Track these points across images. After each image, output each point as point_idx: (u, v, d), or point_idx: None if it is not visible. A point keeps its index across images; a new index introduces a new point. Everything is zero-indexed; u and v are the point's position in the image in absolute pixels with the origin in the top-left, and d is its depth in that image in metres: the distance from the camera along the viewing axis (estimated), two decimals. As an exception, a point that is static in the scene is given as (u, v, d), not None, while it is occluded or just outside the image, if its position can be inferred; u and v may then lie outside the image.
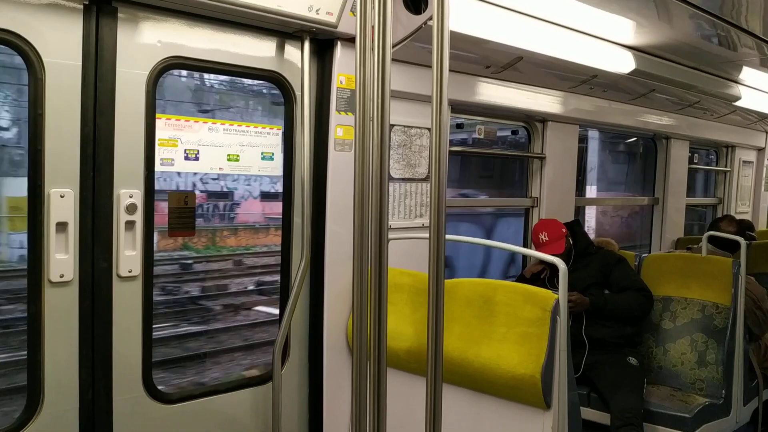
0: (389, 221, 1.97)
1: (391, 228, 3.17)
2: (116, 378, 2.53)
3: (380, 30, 1.84)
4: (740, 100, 5.32)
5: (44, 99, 2.29)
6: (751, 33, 3.72)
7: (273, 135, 2.99)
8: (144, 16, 2.53)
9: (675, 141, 5.89)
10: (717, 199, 7.16)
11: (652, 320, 4.07)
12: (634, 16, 3.53)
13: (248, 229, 11.05)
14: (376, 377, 1.91)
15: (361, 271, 1.90)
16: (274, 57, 2.92)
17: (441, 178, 1.86)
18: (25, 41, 2.25)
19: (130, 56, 2.49)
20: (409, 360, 2.90)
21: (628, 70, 4.06)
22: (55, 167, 2.33)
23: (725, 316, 3.86)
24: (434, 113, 1.82)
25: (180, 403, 2.75)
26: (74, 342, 2.42)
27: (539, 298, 2.62)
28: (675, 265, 4.16)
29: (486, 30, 3.18)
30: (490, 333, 2.71)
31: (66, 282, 2.37)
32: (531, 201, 4.60)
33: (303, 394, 3.17)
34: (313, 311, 3.14)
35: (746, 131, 6.87)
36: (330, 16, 2.78)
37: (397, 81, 2.41)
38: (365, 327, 1.91)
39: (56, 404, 2.39)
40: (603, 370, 3.69)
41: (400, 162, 3.40)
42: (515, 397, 2.64)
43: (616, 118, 5.00)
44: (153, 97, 2.56)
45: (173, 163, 2.68)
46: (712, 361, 3.85)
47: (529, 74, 3.93)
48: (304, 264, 2.94)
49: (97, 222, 2.45)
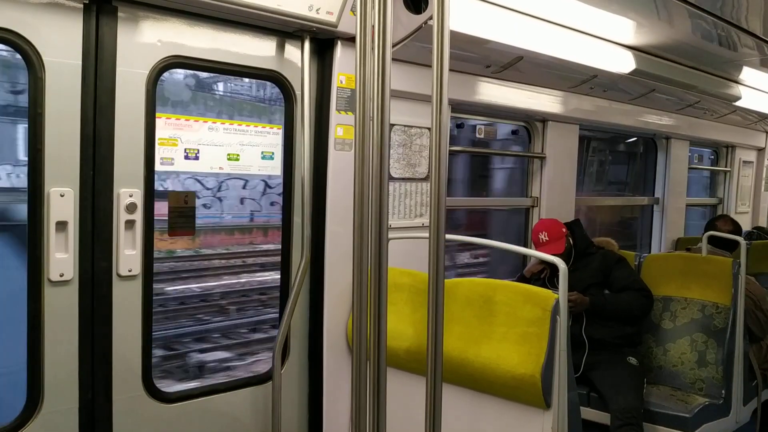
0: (389, 221, 1.97)
1: (391, 228, 3.16)
2: (116, 377, 2.53)
3: (380, 29, 1.84)
4: (740, 100, 5.32)
5: (44, 98, 2.29)
6: (752, 33, 3.72)
7: (273, 134, 2.99)
8: (144, 16, 2.53)
9: (675, 141, 5.89)
10: (717, 199, 7.16)
11: (652, 320, 4.07)
12: (635, 16, 3.53)
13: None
14: (375, 377, 1.91)
15: (361, 270, 1.90)
16: (275, 56, 2.92)
17: (441, 177, 1.86)
18: (25, 40, 2.25)
19: (130, 55, 2.49)
20: (409, 360, 2.90)
21: (628, 70, 4.06)
22: (55, 166, 2.33)
23: (725, 316, 3.86)
24: (434, 113, 1.82)
25: (180, 403, 2.75)
26: (74, 341, 2.42)
27: (539, 297, 2.62)
28: (675, 265, 4.16)
29: (486, 30, 3.18)
30: (490, 333, 2.71)
31: (66, 281, 2.37)
32: (531, 201, 4.60)
33: (303, 394, 3.17)
34: (312, 311, 3.14)
35: (746, 131, 6.87)
36: (330, 16, 2.78)
37: (397, 80, 2.41)
38: (365, 326, 1.91)
39: (56, 403, 2.39)
40: (603, 369, 3.68)
41: (400, 161, 3.40)
42: (515, 397, 2.64)
43: (617, 118, 5.00)
44: (153, 97, 2.56)
45: (173, 163, 2.68)
46: (711, 361, 3.85)
47: (529, 74, 3.93)
48: (304, 263, 2.94)
49: (97, 221, 2.45)
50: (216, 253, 9.14)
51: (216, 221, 9.42)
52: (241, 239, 9.58)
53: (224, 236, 9.55)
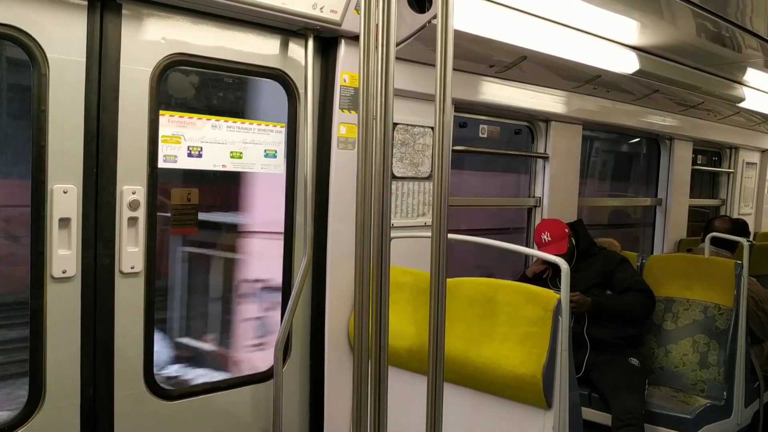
0: (391, 220, 1.97)
1: (394, 226, 3.16)
2: (118, 374, 2.53)
3: (384, 28, 1.84)
4: (744, 101, 5.31)
5: (48, 95, 2.29)
6: (756, 34, 3.71)
7: (276, 132, 2.99)
8: (148, 13, 2.53)
9: (678, 142, 5.88)
10: (720, 201, 7.15)
11: (654, 321, 4.07)
12: (639, 16, 3.52)
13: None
14: (377, 376, 1.91)
15: (363, 269, 1.90)
16: (278, 55, 2.92)
17: (444, 176, 1.86)
18: (29, 37, 2.25)
19: (134, 53, 2.49)
20: (411, 359, 2.90)
21: (632, 70, 4.05)
22: (59, 163, 2.34)
23: (727, 318, 3.86)
24: (437, 112, 1.82)
25: (181, 400, 2.75)
26: (76, 338, 2.42)
27: (541, 298, 2.62)
28: (677, 266, 4.16)
29: (490, 29, 3.17)
30: (492, 332, 2.70)
31: (68, 278, 2.38)
32: (534, 201, 4.60)
33: (304, 392, 3.17)
34: (314, 309, 3.14)
35: (750, 133, 6.86)
36: (334, 14, 2.78)
37: (401, 79, 2.41)
38: (366, 325, 1.91)
39: (58, 400, 2.40)
40: (604, 370, 3.68)
41: (403, 160, 3.39)
42: (516, 397, 2.64)
43: (620, 119, 4.99)
44: (157, 94, 2.56)
45: (176, 160, 2.69)
46: (713, 362, 3.85)
47: (532, 74, 3.92)
48: (306, 262, 2.94)
49: (100, 218, 2.45)
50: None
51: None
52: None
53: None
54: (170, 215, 2.80)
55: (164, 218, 2.80)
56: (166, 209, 2.80)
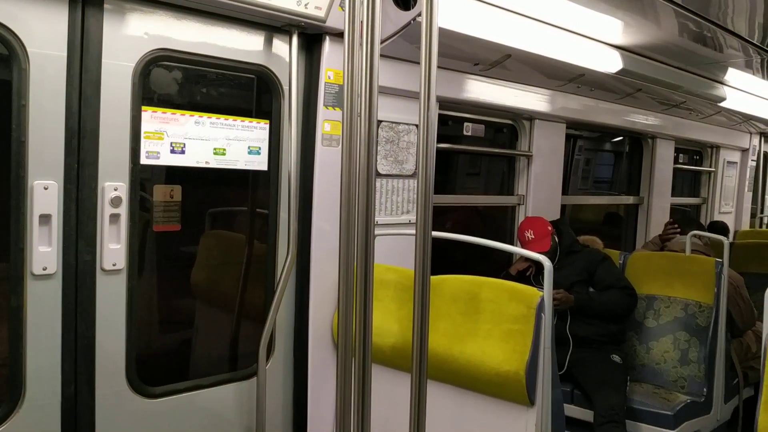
0: (376, 217, 1.97)
1: (378, 224, 3.16)
2: (99, 372, 2.51)
3: (369, 25, 1.83)
4: (725, 101, 5.37)
5: (28, 90, 2.26)
6: (737, 34, 3.75)
7: (260, 129, 2.98)
8: (131, 8, 2.50)
9: (660, 141, 5.94)
10: (701, 199, 7.22)
11: (636, 318, 4.11)
12: (622, 15, 3.55)
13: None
14: (361, 373, 1.91)
15: (348, 266, 1.90)
16: (262, 51, 2.91)
17: (428, 174, 1.86)
18: (9, 31, 2.22)
19: (116, 48, 2.46)
20: (395, 356, 2.90)
21: (615, 69, 4.08)
22: (39, 159, 2.31)
23: (708, 315, 3.90)
24: (422, 110, 1.82)
25: (164, 398, 2.73)
26: (57, 335, 2.40)
27: (524, 295, 2.63)
28: (659, 264, 4.19)
29: (475, 27, 3.18)
30: (475, 330, 2.71)
31: (49, 275, 2.35)
32: (517, 199, 4.62)
33: (288, 390, 3.16)
34: (298, 307, 3.13)
35: (731, 132, 6.93)
36: (318, 11, 2.77)
37: (385, 77, 2.40)
38: (351, 323, 1.90)
39: (38, 398, 2.37)
40: (587, 367, 3.71)
41: (388, 158, 3.39)
42: (499, 394, 2.65)
43: (603, 118, 5.02)
44: (139, 90, 2.54)
45: (159, 157, 2.66)
46: (694, 359, 3.89)
47: (517, 72, 3.94)
48: (290, 259, 2.93)
49: (81, 215, 2.42)
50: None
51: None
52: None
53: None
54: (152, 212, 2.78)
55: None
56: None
